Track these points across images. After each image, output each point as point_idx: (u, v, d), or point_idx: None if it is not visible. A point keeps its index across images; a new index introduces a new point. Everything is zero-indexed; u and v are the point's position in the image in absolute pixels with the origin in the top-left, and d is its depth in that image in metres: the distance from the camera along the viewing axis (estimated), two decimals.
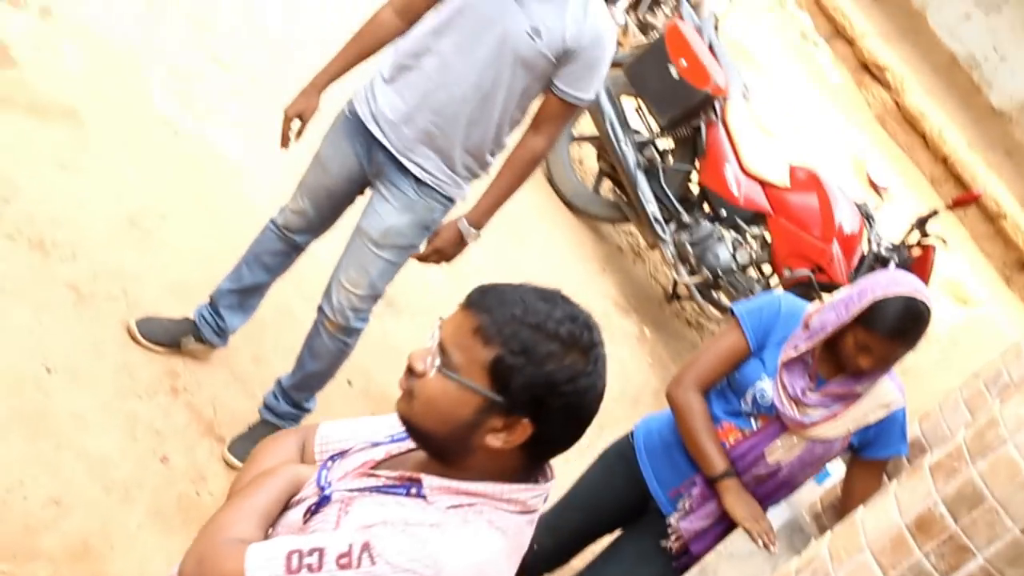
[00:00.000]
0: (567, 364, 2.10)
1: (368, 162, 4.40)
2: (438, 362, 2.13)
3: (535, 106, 4.43)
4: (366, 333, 4.64)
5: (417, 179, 4.36)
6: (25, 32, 5.68)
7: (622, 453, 4.21)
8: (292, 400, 4.76)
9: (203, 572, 2.21)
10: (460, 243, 4.47)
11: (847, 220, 7.02)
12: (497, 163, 4.53)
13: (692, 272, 7.22)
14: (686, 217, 7.25)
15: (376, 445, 2.44)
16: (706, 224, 7.21)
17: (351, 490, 2.28)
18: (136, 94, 5.87)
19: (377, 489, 2.25)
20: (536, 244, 7.20)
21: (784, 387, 3.82)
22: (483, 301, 2.13)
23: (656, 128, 7.41)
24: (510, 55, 4.17)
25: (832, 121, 12.60)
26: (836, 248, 6.94)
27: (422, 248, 4.52)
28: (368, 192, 4.52)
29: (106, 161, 5.34)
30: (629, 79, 7.35)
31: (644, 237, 7.51)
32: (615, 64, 7.84)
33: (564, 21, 4.17)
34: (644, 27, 8.62)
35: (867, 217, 7.18)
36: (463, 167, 4.41)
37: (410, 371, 2.16)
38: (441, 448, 2.21)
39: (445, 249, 4.47)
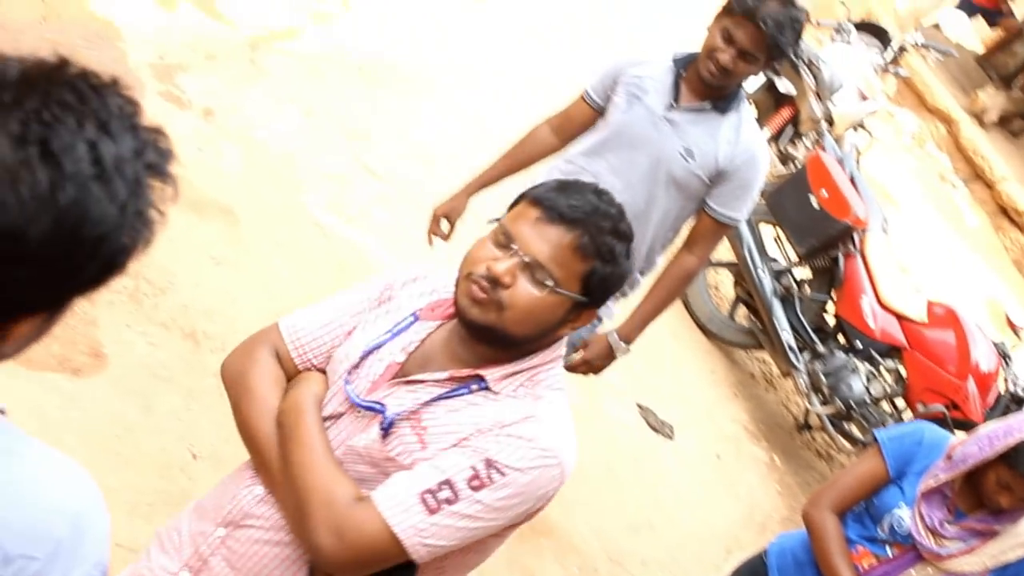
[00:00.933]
0: (631, 257, 2.45)
1: None
2: (538, 275, 2.34)
3: (687, 226, 4.52)
4: None
5: None
6: (189, 132, 5.93)
7: (755, 571, 4.20)
8: None
9: (348, 543, 2.29)
10: (609, 356, 4.55)
11: (984, 358, 6.94)
12: (646, 282, 4.61)
13: (825, 402, 7.18)
14: (820, 347, 7.22)
15: (379, 346, 2.52)
16: (840, 355, 7.18)
17: (414, 407, 2.40)
18: (290, 196, 6.07)
19: (440, 397, 2.40)
20: (669, 365, 7.23)
21: (922, 517, 3.79)
22: (571, 214, 2.35)
23: (794, 257, 7.44)
24: (664, 176, 4.28)
25: (968, 262, 12.48)
26: (972, 385, 6.86)
27: (571, 361, 4.59)
28: None
29: (258, 258, 5.52)
30: (769, 207, 7.41)
31: (777, 365, 7.50)
32: None
33: (717, 142, 4.26)
34: (785, 158, 8.68)
35: (1004, 356, 7.10)
36: None
37: (494, 282, 2.33)
38: (517, 345, 2.41)
39: (594, 361, 4.55)
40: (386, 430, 2.39)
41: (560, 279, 2.35)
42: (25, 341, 1.44)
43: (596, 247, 2.35)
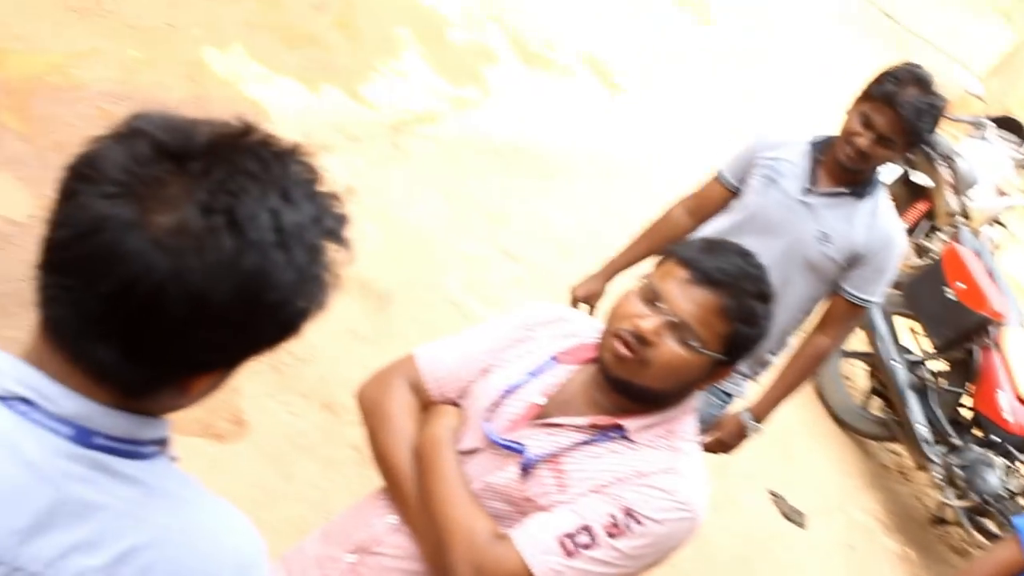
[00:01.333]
0: (770, 318, 2.52)
1: None
2: (684, 336, 2.41)
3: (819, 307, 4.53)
4: None
5: None
6: None
7: None
8: None
9: None
10: (741, 435, 4.56)
11: None
12: (778, 362, 4.62)
13: (960, 496, 7.05)
14: (956, 440, 7.11)
15: (516, 387, 2.58)
16: (976, 448, 7.06)
17: (554, 450, 2.46)
18: (429, 275, 6.20)
19: (580, 443, 2.46)
20: (801, 454, 7.18)
21: None
22: (721, 278, 2.42)
23: (929, 349, 7.36)
24: (799, 259, 4.30)
25: None
26: None
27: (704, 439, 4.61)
28: None
29: (397, 334, 5.64)
30: (905, 299, 7.37)
31: (912, 457, 7.40)
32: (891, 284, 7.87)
33: (853, 226, 4.28)
34: (921, 251, 8.62)
35: None
36: (744, 366, 4.51)
37: (641, 340, 2.40)
38: (654, 399, 2.48)
39: (727, 441, 4.57)
40: (525, 470, 2.46)
41: (704, 339, 2.41)
42: (201, 395, 1.53)
43: (740, 310, 2.43)
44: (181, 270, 1.33)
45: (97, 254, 1.33)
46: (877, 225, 4.32)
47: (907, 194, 8.52)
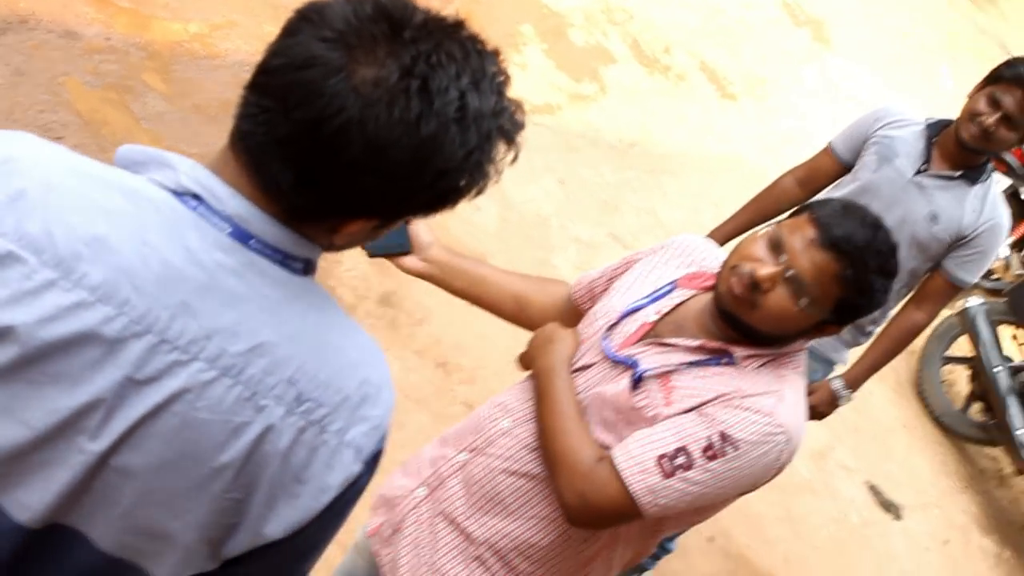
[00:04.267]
0: (888, 292, 2.56)
1: None
2: (797, 291, 2.50)
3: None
4: None
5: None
6: None
7: None
8: None
9: (591, 503, 2.54)
10: (833, 403, 4.66)
11: None
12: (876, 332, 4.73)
13: None
14: None
15: (635, 309, 2.74)
16: None
17: (665, 368, 2.61)
18: (540, 255, 6.40)
19: (691, 363, 2.60)
20: (900, 452, 7.25)
21: None
22: (846, 247, 2.48)
23: None
24: (907, 236, 4.38)
25: None
26: None
27: None
28: None
29: None
30: (1010, 307, 7.42)
31: (1011, 462, 7.43)
32: (995, 292, 7.95)
33: (963, 209, 4.37)
34: None
35: None
36: (847, 334, 4.63)
37: (756, 286, 2.52)
38: (761, 339, 2.60)
39: (819, 407, 4.66)
40: (636, 384, 2.61)
41: (815, 298, 2.51)
42: (353, 239, 1.70)
43: (857, 281, 2.49)
44: (368, 117, 1.50)
45: (301, 85, 1.51)
46: (986, 210, 4.41)
47: (1016, 209, 8.57)
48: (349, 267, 5.48)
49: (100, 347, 1.53)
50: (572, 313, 2.99)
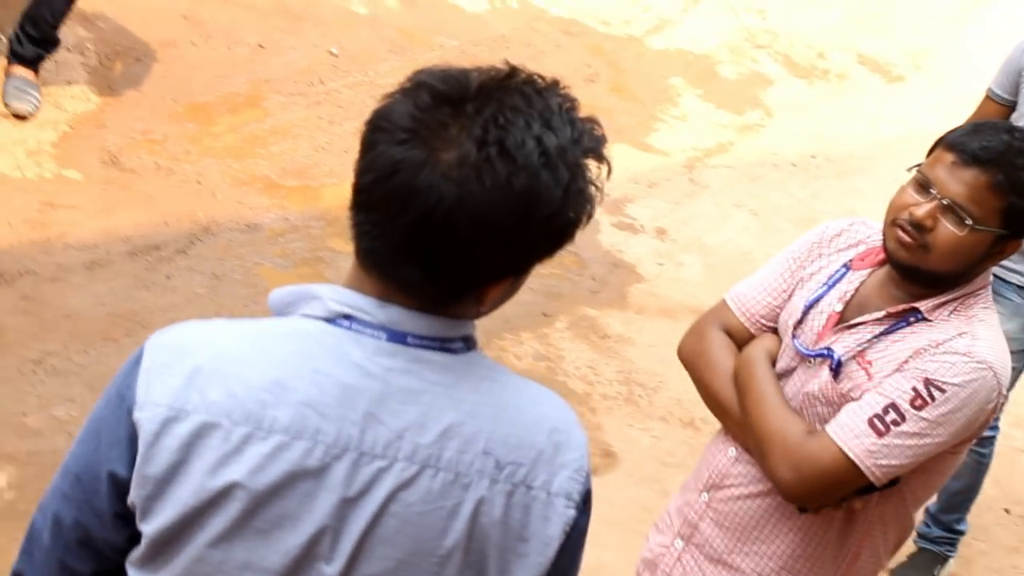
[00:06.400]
0: None
1: None
2: (959, 216, 2.50)
3: None
4: None
5: (1019, 286, 4.49)
6: (648, 252, 6.43)
7: None
8: (943, 524, 4.86)
9: (806, 473, 2.55)
10: None
11: None
12: None
13: None
14: None
15: (818, 300, 2.72)
16: None
17: (859, 347, 2.61)
18: None
19: (881, 334, 2.60)
20: None
21: None
22: (987, 156, 2.50)
23: None
24: None
25: None
26: None
27: None
28: None
29: None
30: None
31: None
32: None
33: None
34: None
35: None
36: None
37: (918, 226, 2.51)
38: (945, 281, 2.59)
39: None
40: (836, 371, 2.63)
41: (979, 217, 2.52)
42: (496, 303, 1.78)
43: (1011, 183, 2.51)
44: (465, 196, 1.59)
45: (397, 191, 1.61)
46: None
47: None
48: (572, 359, 5.57)
49: (309, 479, 1.66)
50: None
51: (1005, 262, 4.42)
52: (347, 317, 1.70)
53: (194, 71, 6.44)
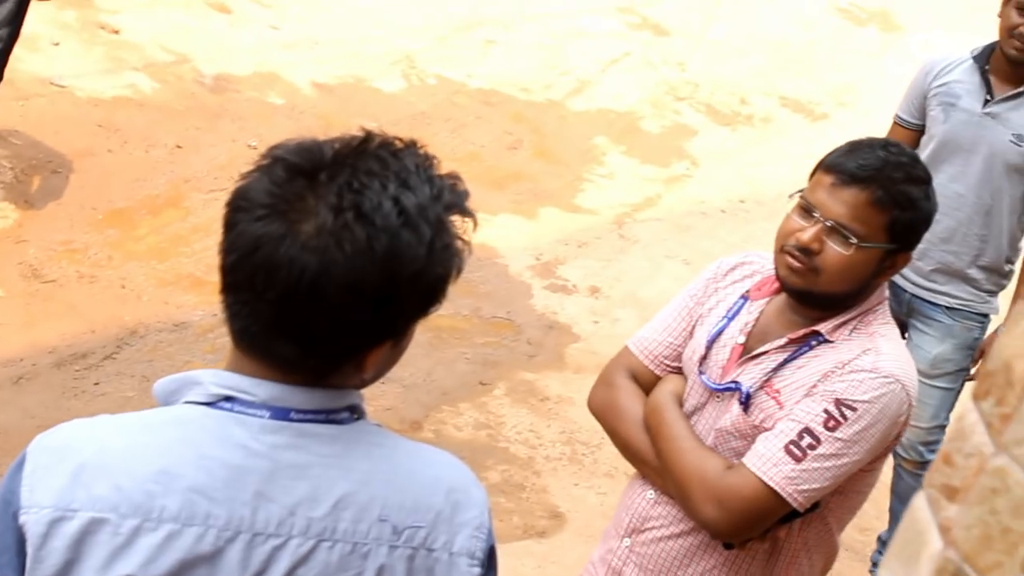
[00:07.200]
0: (932, 197, 2.59)
1: (898, 305, 4.57)
2: (843, 236, 2.51)
3: None
4: None
5: (947, 307, 4.52)
6: (582, 311, 6.46)
7: None
8: None
9: (730, 508, 2.55)
10: None
11: None
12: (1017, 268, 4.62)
13: None
14: None
15: (720, 333, 2.73)
16: None
17: (764, 376, 2.62)
18: None
19: (785, 361, 2.61)
20: None
21: None
22: (864, 173, 2.52)
23: None
24: (1001, 168, 4.38)
25: None
26: None
27: (973, 371, 4.62)
28: (906, 335, 4.69)
29: None
30: None
31: None
32: None
33: None
34: None
35: None
36: (986, 282, 4.54)
37: (805, 251, 2.52)
38: (841, 301, 2.59)
39: None
40: (745, 404, 2.64)
41: (864, 235, 2.54)
42: (380, 368, 1.77)
43: (891, 197, 2.54)
44: (328, 264, 1.59)
45: (259, 267, 1.61)
46: None
47: None
48: (513, 424, 5.54)
49: (204, 565, 1.64)
50: None
51: (932, 285, 4.50)
52: (229, 399, 1.68)
53: (112, 177, 6.43)
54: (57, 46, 7.36)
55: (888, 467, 4.31)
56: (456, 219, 1.69)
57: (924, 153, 4.49)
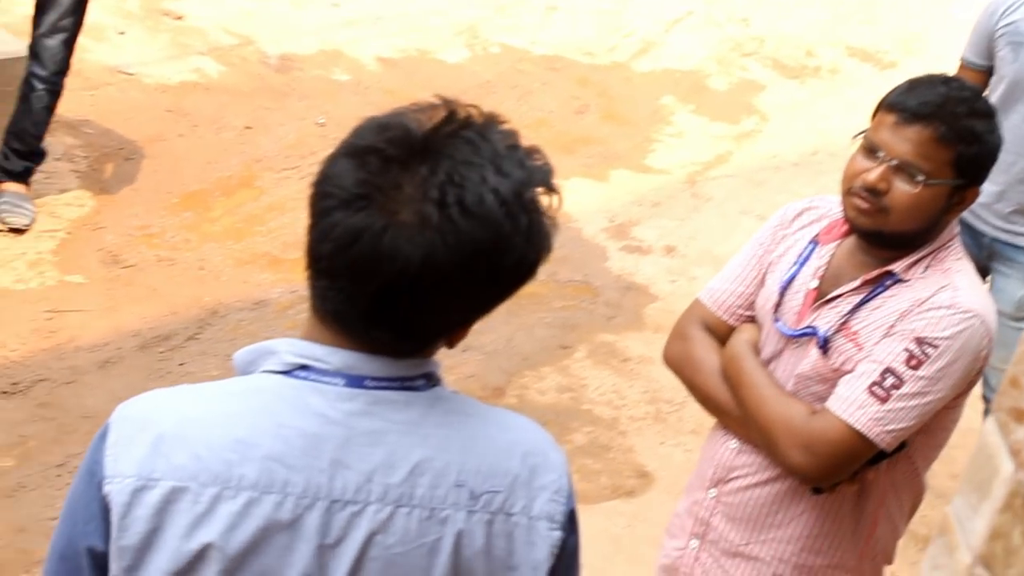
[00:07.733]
0: (997, 131, 2.57)
1: (979, 250, 4.51)
2: (910, 174, 2.50)
3: None
4: None
5: None
6: (659, 271, 6.43)
7: None
8: None
9: (819, 452, 2.55)
10: None
11: None
12: None
13: None
14: None
15: (792, 279, 2.72)
16: None
17: (841, 319, 2.61)
18: None
19: (861, 303, 2.60)
20: None
21: None
22: (926, 110, 2.50)
23: None
24: None
25: None
26: None
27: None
28: (987, 278, 4.62)
29: None
30: None
31: None
32: None
33: None
34: None
35: None
36: None
37: (872, 191, 2.51)
38: (912, 240, 2.58)
39: None
40: (824, 348, 2.63)
41: (930, 171, 2.52)
42: (466, 334, 1.77)
43: (955, 133, 2.52)
44: (432, 257, 1.58)
45: (360, 260, 1.60)
46: None
47: None
48: (596, 386, 5.53)
49: (284, 532, 1.65)
50: None
51: (1012, 227, 4.42)
52: (304, 368, 1.69)
53: (184, 161, 6.47)
54: (122, 35, 7.41)
55: (975, 411, 4.26)
56: (543, 196, 1.68)
57: (995, 94, 4.42)
